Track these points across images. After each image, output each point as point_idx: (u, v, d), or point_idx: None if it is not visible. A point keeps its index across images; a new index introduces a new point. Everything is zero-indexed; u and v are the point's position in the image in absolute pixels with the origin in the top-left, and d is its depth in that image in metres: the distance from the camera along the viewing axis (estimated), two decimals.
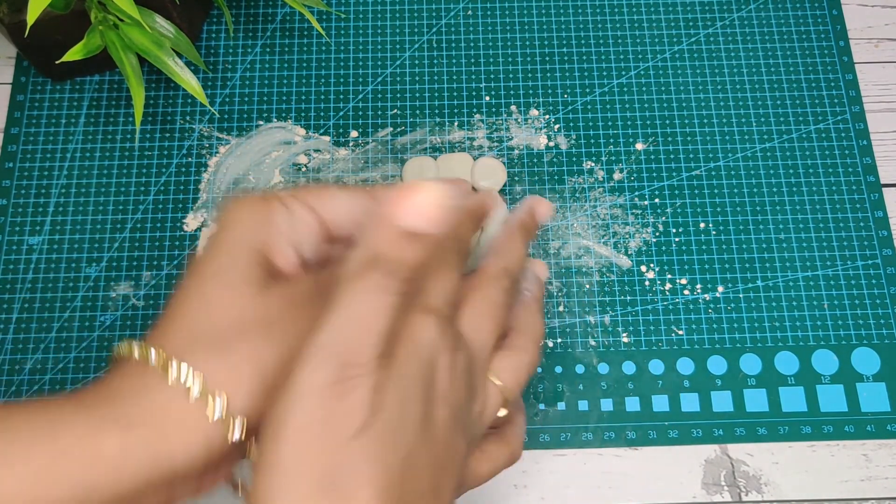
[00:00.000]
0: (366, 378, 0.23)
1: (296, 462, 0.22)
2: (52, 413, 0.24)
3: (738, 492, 0.43)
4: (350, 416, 0.22)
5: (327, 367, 0.23)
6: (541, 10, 0.53)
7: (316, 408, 0.22)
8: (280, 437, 0.22)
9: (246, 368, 0.25)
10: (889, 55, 0.52)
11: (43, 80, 0.51)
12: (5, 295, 0.46)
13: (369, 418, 0.23)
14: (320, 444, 0.22)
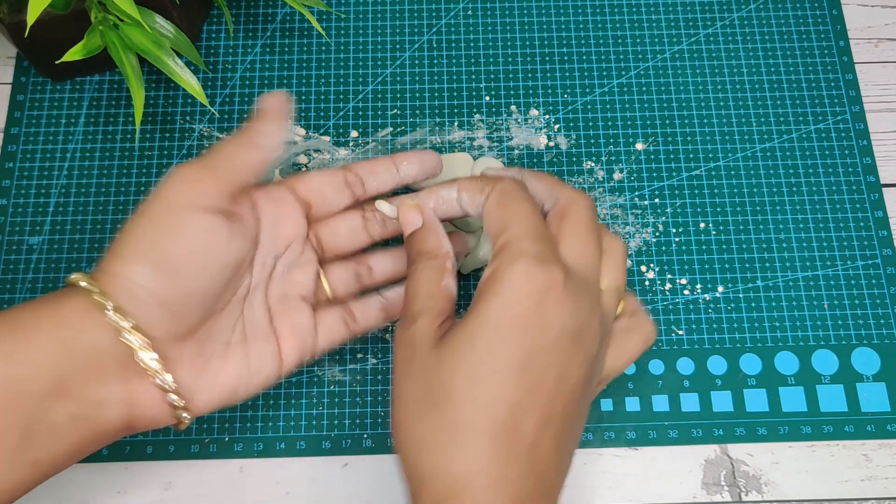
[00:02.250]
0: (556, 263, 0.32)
1: (512, 304, 0.30)
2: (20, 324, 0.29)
3: (738, 492, 0.43)
4: (550, 277, 0.31)
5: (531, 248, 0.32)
6: (541, 10, 0.54)
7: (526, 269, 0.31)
8: (500, 288, 0.31)
9: (152, 292, 0.31)
10: (889, 55, 0.52)
11: (43, 80, 0.51)
12: (5, 295, 0.46)
13: (563, 281, 0.31)
14: (529, 295, 0.31)
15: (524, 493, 0.29)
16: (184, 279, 0.31)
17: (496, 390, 0.30)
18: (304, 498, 0.43)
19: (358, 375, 0.45)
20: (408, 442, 0.31)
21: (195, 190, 0.32)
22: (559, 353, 0.31)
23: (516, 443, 0.30)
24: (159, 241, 0.31)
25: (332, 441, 0.44)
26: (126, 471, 0.43)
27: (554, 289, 0.31)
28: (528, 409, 0.30)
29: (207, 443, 0.43)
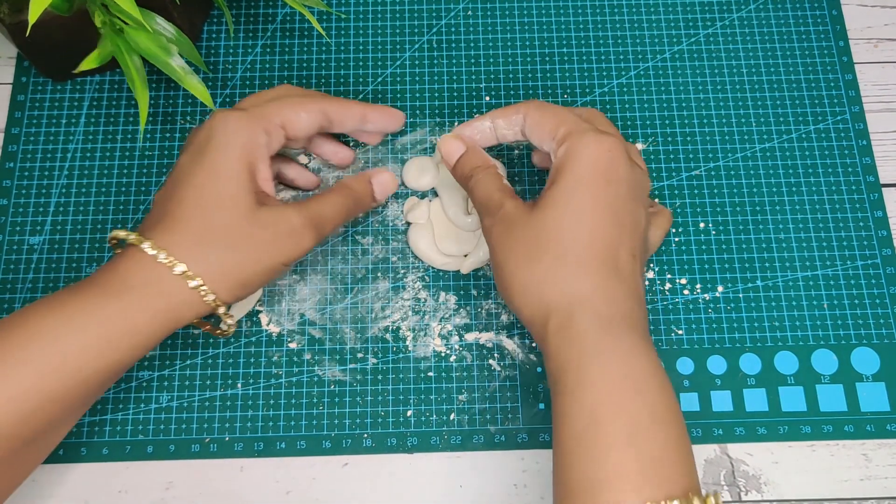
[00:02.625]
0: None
1: (592, 164, 0.37)
2: (94, 300, 0.35)
3: (738, 491, 0.43)
4: (611, 141, 0.38)
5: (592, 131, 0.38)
6: (541, 10, 0.54)
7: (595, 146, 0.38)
8: (579, 155, 0.37)
9: (231, 273, 0.37)
10: (888, 55, 0.52)
11: (44, 80, 0.51)
12: (6, 295, 0.46)
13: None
14: (602, 157, 0.37)
15: (630, 311, 0.35)
16: (255, 286, 0.39)
17: (596, 229, 0.36)
18: (304, 497, 0.43)
19: (358, 375, 0.45)
20: (528, 287, 0.36)
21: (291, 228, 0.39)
22: (631, 202, 0.38)
23: (618, 269, 0.36)
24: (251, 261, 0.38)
25: (333, 441, 0.44)
26: (127, 470, 0.43)
27: (616, 149, 0.38)
28: (621, 243, 0.37)
29: (208, 442, 0.43)
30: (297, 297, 0.46)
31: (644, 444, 0.32)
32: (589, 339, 0.34)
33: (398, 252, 0.47)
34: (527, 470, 0.43)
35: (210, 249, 0.36)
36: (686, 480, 0.32)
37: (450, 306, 0.46)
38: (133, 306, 0.35)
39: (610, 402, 0.32)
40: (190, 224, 0.37)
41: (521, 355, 0.45)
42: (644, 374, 0.33)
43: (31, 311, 0.35)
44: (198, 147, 0.39)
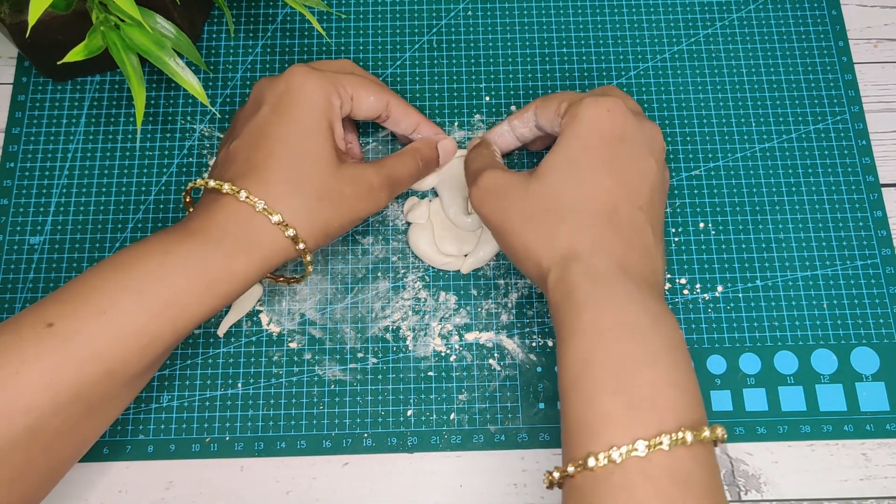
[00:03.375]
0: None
1: (590, 124, 0.39)
2: (196, 247, 0.37)
3: (738, 491, 0.43)
4: (611, 101, 0.39)
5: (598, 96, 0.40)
6: (541, 10, 0.54)
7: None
8: (578, 117, 0.39)
9: (318, 223, 0.39)
10: (888, 55, 0.52)
11: (44, 80, 0.51)
12: (6, 295, 0.46)
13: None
14: (601, 115, 0.39)
15: (630, 261, 0.36)
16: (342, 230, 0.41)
17: (593, 186, 0.37)
18: (304, 497, 0.43)
19: (358, 375, 0.45)
20: (529, 249, 0.38)
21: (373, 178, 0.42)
22: (636, 154, 0.39)
23: (616, 221, 0.37)
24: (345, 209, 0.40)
25: (333, 440, 0.44)
26: (127, 470, 0.43)
27: (618, 107, 0.39)
28: (620, 195, 0.37)
29: (208, 442, 0.44)
30: (298, 297, 0.46)
31: (633, 385, 0.33)
32: (582, 291, 0.35)
33: (398, 252, 0.47)
34: (527, 470, 0.43)
35: (302, 200, 0.38)
36: (681, 416, 0.32)
37: (450, 306, 0.46)
38: (233, 254, 0.37)
39: (599, 348, 0.34)
40: (282, 175, 0.38)
41: (521, 355, 0.45)
42: (635, 318, 0.34)
43: (135, 253, 0.36)
44: (278, 100, 0.40)
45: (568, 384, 0.34)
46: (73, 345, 0.34)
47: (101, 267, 0.36)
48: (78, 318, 0.34)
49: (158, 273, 0.35)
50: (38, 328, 0.34)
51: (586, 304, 0.35)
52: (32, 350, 0.33)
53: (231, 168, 0.39)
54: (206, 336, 0.46)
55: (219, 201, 0.38)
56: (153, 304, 0.35)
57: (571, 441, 0.33)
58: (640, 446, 0.31)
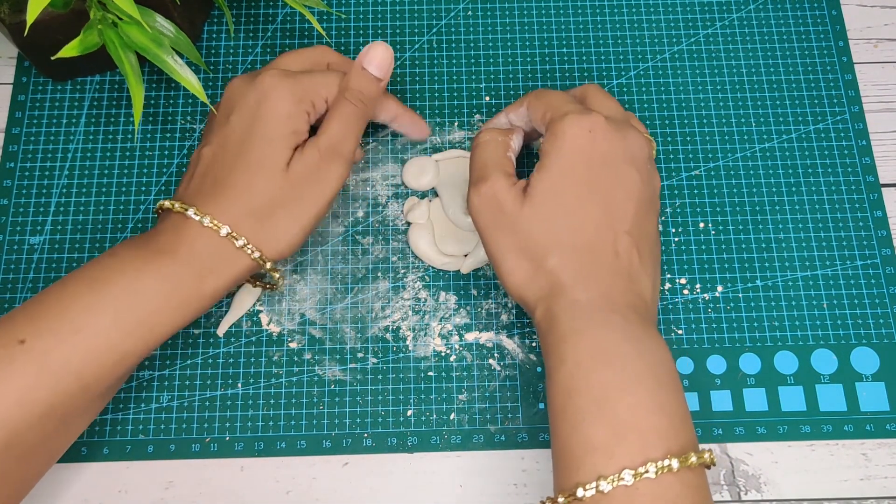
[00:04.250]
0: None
1: (571, 147, 0.38)
2: (167, 268, 0.37)
3: (738, 491, 0.43)
4: (592, 119, 0.39)
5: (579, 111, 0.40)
6: (541, 10, 0.54)
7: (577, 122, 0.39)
8: (558, 140, 0.39)
9: (281, 237, 0.39)
10: (888, 55, 0.52)
11: (44, 80, 0.51)
12: (6, 295, 0.46)
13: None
14: (581, 135, 0.39)
15: (614, 289, 0.37)
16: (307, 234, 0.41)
17: (578, 220, 0.38)
18: (304, 497, 0.43)
19: (358, 375, 0.45)
20: (519, 285, 0.38)
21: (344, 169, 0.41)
22: (620, 174, 0.39)
23: (601, 250, 0.37)
24: (310, 215, 0.40)
25: (333, 440, 0.44)
26: (127, 470, 0.43)
27: (599, 125, 0.39)
28: (606, 224, 0.38)
29: (208, 442, 0.44)
30: (297, 296, 0.47)
31: (615, 412, 0.33)
32: (564, 323, 0.36)
33: (398, 252, 0.47)
34: (527, 470, 0.43)
35: (260, 218, 0.39)
36: (667, 441, 0.32)
37: (450, 306, 0.46)
38: (203, 274, 0.38)
39: (580, 377, 0.34)
40: (242, 194, 0.39)
41: (521, 355, 0.45)
42: (616, 346, 0.34)
43: (106, 270, 0.37)
44: (248, 111, 0.40)
45: (555, 413, 0.35)
46: (48, 362, 0.34)
47: (71, 281, 0.37)
48: (52, 336, 0.35)
49: (132, 293, 0.36)
50: (11, 346, 0.34)
51: (567, 335, 0.35)
52: (6, 367, 0.34)
53: (199, 182, 0.40)
54: (206, 336, 0.46)
55: (186, 222, 0.38)
56: (127, 324, 0.36)
57: (560, 471, 0.34)
58: (626, 476, 0.31)
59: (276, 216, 0.39)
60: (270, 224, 0.39)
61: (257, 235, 0.39)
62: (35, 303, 0.36)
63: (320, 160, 0.40)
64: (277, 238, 0.39)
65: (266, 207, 0.39)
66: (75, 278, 0.37)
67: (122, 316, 0.36)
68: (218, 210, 0.38)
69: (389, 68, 0.43)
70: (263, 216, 0.39)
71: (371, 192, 0.49)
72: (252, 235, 0.39)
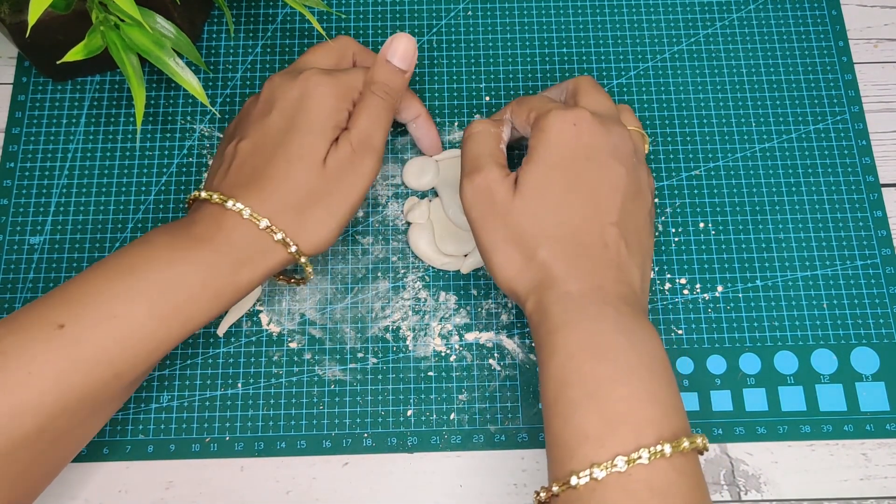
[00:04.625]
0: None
1: (556, 141, 0.39)
2: (204, 256, 0.37)
3: (738, 491, 0.43)
4: (576, 113, 0.40)
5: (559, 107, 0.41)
6: (541, 10, 0.54)
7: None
8: (542, 135, 0.39)
9: (317, 231, 0.39)
10: (888, 55, 0.52)
11: (44, 80, 0.51)
12: (6, 295, 0.46)
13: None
14: (565, 130, 0.39)
15: (604, 280, 0.37)
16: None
17: (566, 214, 0.38)
18: (304, 497, 0.43)
19: (358, 375, 0.45)
20: (510, 278, 0.38)
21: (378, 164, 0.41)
22: (604, 168, 0.39)
23: (589, 242, 0.38)
24: (349, 211, 0.40)
25: (333, 440, 0.44)
26: (127, 470, 0.43)
27: (583, 119, 0.39)
28: (592, 217, 0.38)
29: (208, 442, 0.44)
30: (298, 296, 0.47)
31: (608, 402, 0.33)
32: (555, 315, 0.36)
33: (398, 252, 0.47)
34: (527, 469, 0.43)
35: (299, 212, 0.39)
36: (660, 429, 0.32)
37: (450, 306, 0.46)
38: (239, 265, 0.38)
39: (573, 368, 0.34)
40: (281, 187, 0.39)
41: (521, 355, 0.45)
42: (608, 337, 0.35)
43: (143, 256, 0.37)
44: (290, 107, 0.40)
45: (547, 405, 0.35)
46: (84, 348, 0.34)
47: (107, 267, 0.37)
48: (90, 321, 0.35)
49: (168, 281, 0.36)
50: (49, 329, 0.34)
51: (559, 327, 0.36)
52: (44, 351, 0.34)
53: (235, 173, 0.40)
54: (206, 336, 0.46)
55: (224, 213, 0.38)
56: (163, 312, 0.36)
57: (554, 461, 0.34)
58: (619, 462, 0.31)
59: (313, 210, 0.39)
60: (307, 217, 0.39)
61: (294, 229, 0.39)
62: (70, 287, 0.36)
63: (353, 154, 0.40)
64: (313, 232, 0.39)
65: (304, 200, 0.39)
66: (110, 264, 0.37)
67: (157, 303, 0.36)
68: (257, 202, 0.38)
69: (413, 59, 0.43)
70: (301, 209, 0.39)
71: (371, 192, 0.49)
72: (289, 228, 0.39)
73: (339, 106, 0.40)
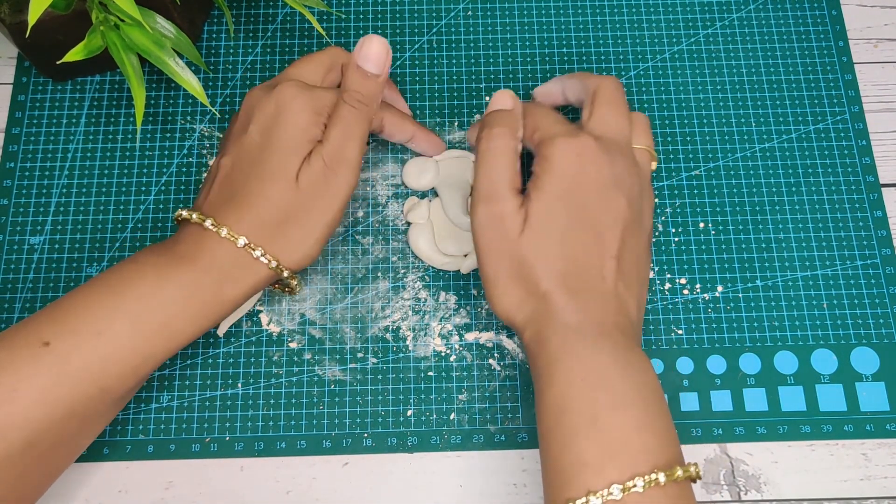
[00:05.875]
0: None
1: (560, 172, 0.39)
2: (188, 274, 0.37)
3: (738, 491, 0.43)
4: (581, 142, 0.39)
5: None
6: (541, 10, 0.54)
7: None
8: (547, 164, 0.39)
9: (296, 247, 0.39)
10: (888, 55, 0.52)
11: (44, 80, 0.51)
12: (6, 295, 0.46)
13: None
14: (569, 160, 0.39)
15: (605, 313, 0.37)
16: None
17: (569, 242, 0.38)
18: (304, 497, 0.43)
19: (358, 375, 0.45)
20: (510, 309, 0.38)
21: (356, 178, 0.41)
22: (606, 198, 0.39)
23: (589, 276, 0.38)
24: (328, 229, 0.40)
25: (333, 440, 0.44)
26: (127, 470, 0.43)
27: (588, 149, 0.39)
28: (594, 251, 0.38)
29: (208, 442, 0.44)
30: (298, 296, 0.46)
31: (605, 430, 0.34)
32: (554, 345, 0.36)
33: (398, 252, 0.47)
34: (527, 469, 0.43)
35: (276, 228, 0.39)
36: (654, 457, 0.33)
37: (450, 306, 0.46)
38: (223, 282, 0.38)
39: (572, 396, 0.35)
40: (258, 204, 0.39)
41: (521, 355, 0.45)
42: (605, 368, 0.35)
43: (128, 275, 0.37)
44: (266, 122, 0.40)
45: (545, 433, 0.35)
46: (70, 364, 0.35)
47: (94, 286, 0.37)
48: (74, 338, 0.35)
49: (153, 298, 0.37)
50: (35, 346, 0.35)
51: (558, 357, 0.36)
52: (29, 368, 0.34)
53: (217, 192, 0.40)
54: (206, 336, 0.46)
55: (204, 233, 0.39)
56: (147, 329, 0.36)
57: (551, 488, 0.34)
58: (615, 490, 0.32)
59: (290, 227, 0.39)
60: (285, 235, 0.39)
61: (273, 246, 0.39)
62: (58, 305, 0.37)
63: (325, 169, 0.39)
64: (293, 249, 0.39)
65: (280, 218, 0.39)
66: (97, 283, 0.37)
67: (141, 321, 0.36)
68: (234, 220, 0.38)
69: (387, 61, 0.41)
70: (278, 227, 0.39)
71: (371, 192, 0.49)
72: (268, 246, 0.39)
73: (314, 120, 0.40)
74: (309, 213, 0.39)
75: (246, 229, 0.38)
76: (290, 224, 0.39)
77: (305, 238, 0.40)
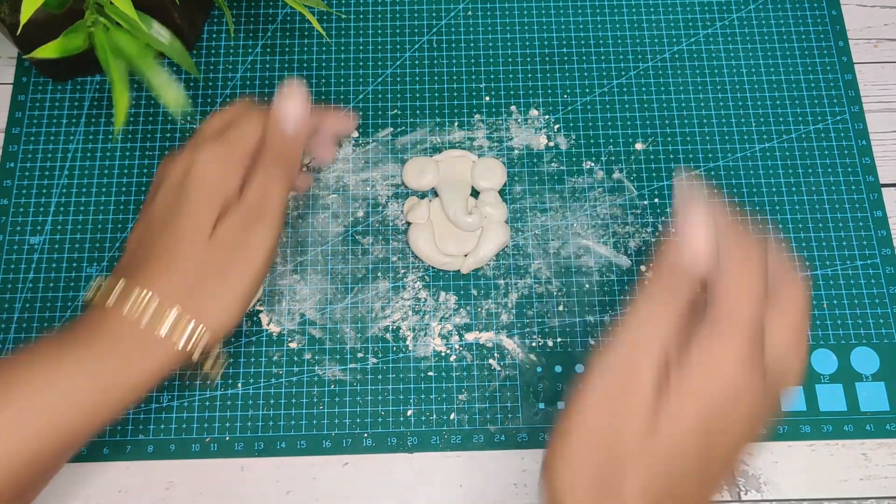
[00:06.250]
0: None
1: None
2: (83, 360, 0.34)
3: (738, 491, 0.43)
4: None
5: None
6: (541, 10, 0.54)
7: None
8: (687, 402, 0.30)
9: (208, 306, 0.36)
10: (888, 55, 0.52)
11: (44, 80, 0.51)
12: (6, 295, 0.46)
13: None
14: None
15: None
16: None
17: (674, 462, 0.30)
18: (304, 497, 0.43)
19: (358, 375, 0.45)
20: (567, 488, 0.31)
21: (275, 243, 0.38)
22: (736, 423, 0.31)
23: (676, 498, 0.30)
24: (248, 294, 0.37)
25: (333, 440, 0.44)
26: (127, 470, 0.43)
27: (738, 380, 0.30)
28: (695, 478, 0.30)
29: (208, 442, 0.44)
30: (297, 297, 0.47)
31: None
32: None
33: (398, 252, 0.47)
34: (527, 469, 0.43)
35: (190, 287, 0.36)
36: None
37: (450, 306, 0.46)
38: (125, 364, 0.35)
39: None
40: (162, 264, 0.36)
41: (521, 355, 0.45)
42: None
43: (21, 366, 0.34)
44: (175, 182, 0.38)
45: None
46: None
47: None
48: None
49: (41, 394, 0.34)
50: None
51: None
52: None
53: (127, 260, 0.38)
54: None
55: (106, 312, 0.36)
56: (33, 425, 0.33)
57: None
58: None
59: (207, 285, 0.36)
60: (202, 294, 0.36)
61: (190, 306, 0.36)
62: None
63: (242, 224, 0.37)
64: (212, 309, 0.36)
65: (195, 276, 0.36)
66: (8, 367, 0.35)
67: (30, 416, 0.33)
68: (146, 281, 0.36)
69: (305, 118, 0.40)
70: (194, 285, 0.36)
71: (371, 192, 0.49)
72: (185, 306, 0.36)
73: (225, 174, 0.38)
74: (227, 270, 0.37)
75: (158, 288, 0.35)
76: (207, 282, 0.36)
77: (223, 297, 0.36)
